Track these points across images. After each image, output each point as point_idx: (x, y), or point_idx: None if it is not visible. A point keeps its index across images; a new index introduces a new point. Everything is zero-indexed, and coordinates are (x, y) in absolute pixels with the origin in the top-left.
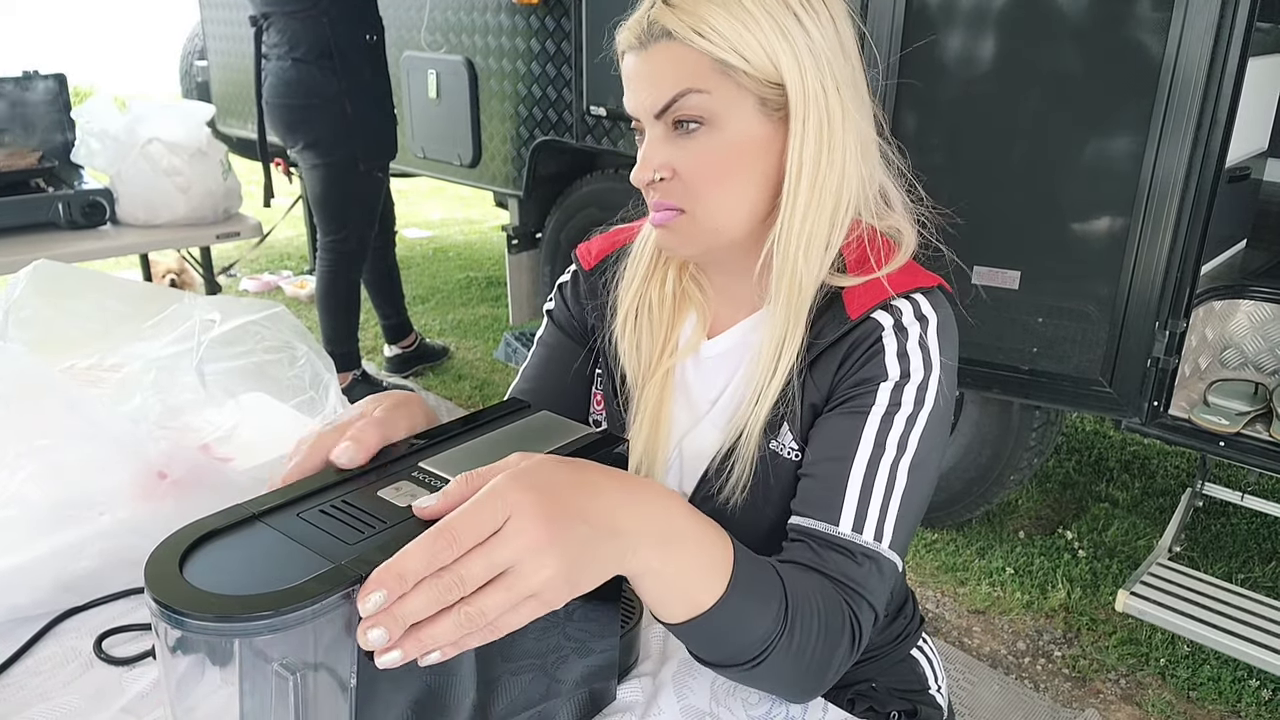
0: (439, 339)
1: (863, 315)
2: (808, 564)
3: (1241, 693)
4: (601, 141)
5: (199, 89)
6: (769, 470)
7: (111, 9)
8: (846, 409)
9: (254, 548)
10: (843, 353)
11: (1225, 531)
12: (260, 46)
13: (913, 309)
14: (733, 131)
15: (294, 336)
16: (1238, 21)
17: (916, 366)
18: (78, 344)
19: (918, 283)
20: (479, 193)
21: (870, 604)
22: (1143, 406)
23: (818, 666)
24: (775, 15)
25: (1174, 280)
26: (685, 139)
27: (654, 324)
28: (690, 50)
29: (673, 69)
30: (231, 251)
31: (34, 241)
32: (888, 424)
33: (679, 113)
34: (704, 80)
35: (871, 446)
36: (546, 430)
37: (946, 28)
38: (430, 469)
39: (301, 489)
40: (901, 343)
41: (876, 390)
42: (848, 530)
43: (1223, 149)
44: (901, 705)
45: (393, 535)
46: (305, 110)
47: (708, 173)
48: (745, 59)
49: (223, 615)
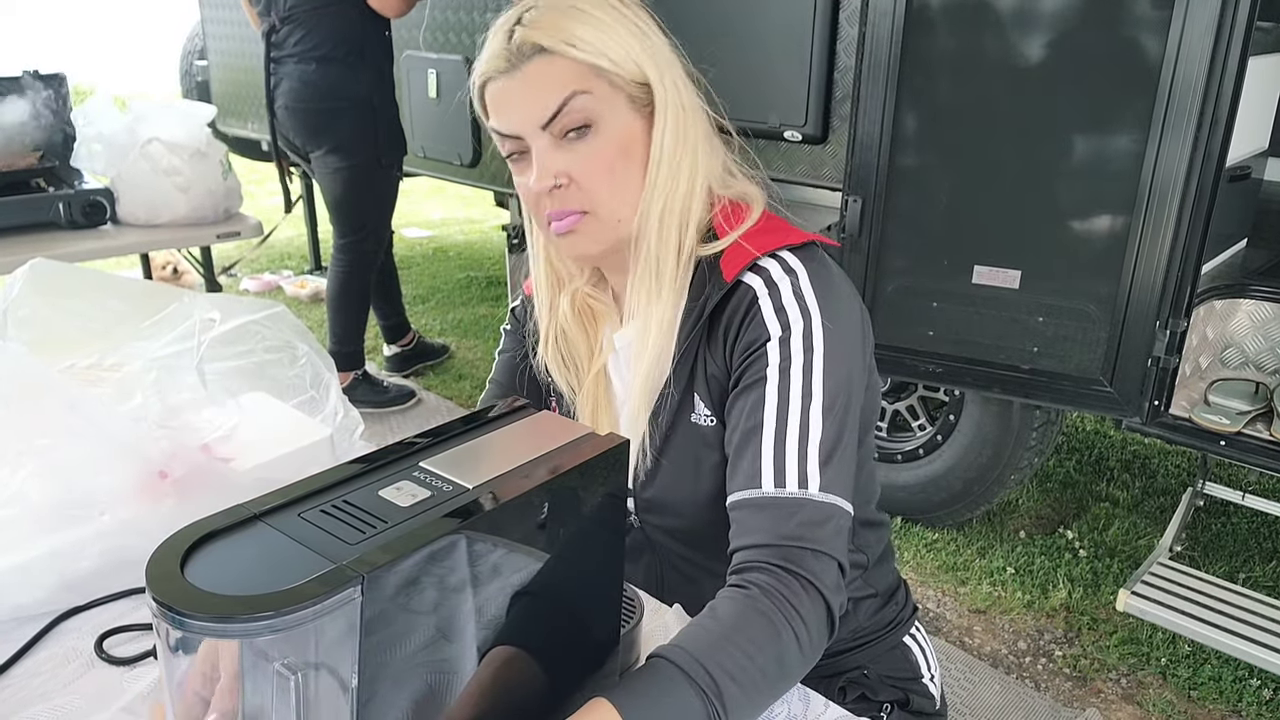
0: (439, 338)
1: (735, 279)
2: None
3: (1242, 692)
4: None
5: (199, 89)
6: (694, 443)
7: (111, 9)
8: (746, 381)
9: (255, 548)
10: (725, 319)
11: (1226, 531)
12: (270, 51)
13: (780, 265)
14: (613, 130)
15: (294, 336)
16: (1238, 21)
17: (795, 317)
18: (77, 343)
19: (786, 240)
20: (479, 192)
21: (816, 550)
22: (1143, 406)
23: (780, 665)
24: (624, 24)
25: (1174, 279)
26: (575, 144)
27: (572, 342)
28: (565, 60)
29: (552, 79)
30: (232, 251)
31: (34, 241)
32: (785, 379)
33: (567, 118)
34: (584, 83)
35: (776, 405)
36: (546, 430)
37: (946, 27)
38: (431, 469)
39: (302, 489)
40: (776, 299)
41: (765, 352)
42: (770, 488)
43: (1223, 148)
44: (893, 694)
45: (395, 535)
46: (332, 113)
47: (602, 171)
48: (614, 62)
49: (224, 615)
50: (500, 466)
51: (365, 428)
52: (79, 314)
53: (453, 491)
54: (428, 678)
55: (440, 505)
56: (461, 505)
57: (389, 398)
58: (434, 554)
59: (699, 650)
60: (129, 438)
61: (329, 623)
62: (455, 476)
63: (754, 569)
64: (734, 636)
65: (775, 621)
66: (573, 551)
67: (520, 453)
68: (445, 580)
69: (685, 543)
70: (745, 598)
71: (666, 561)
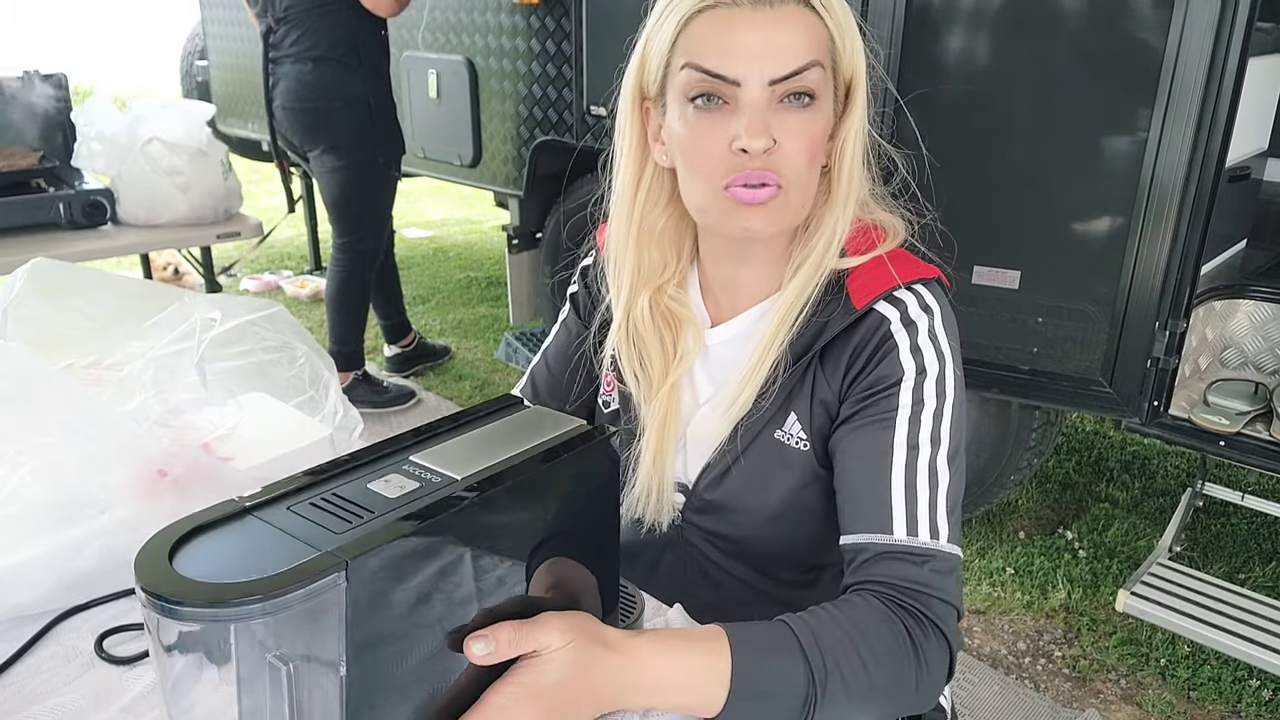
0: (439, 339)
1: (867, 307)
2: (867, 581)
3: (1242, 693)
4: (602, 141)
5: (199, 89)
6: (773, 458)
7: (112, 9)
8: (871, 418)
9: (244, 540)
10: (852, 348)
11: (1225, 531)
12: (268, 52)
13: (917, 301)
14: (824, 114)
15: (294, 336)
16: (1238, 21)
17: (931, 361)
18: (77, 342)
19: (919, 273)
20: (479, 192)
21: (943, 600)
22: (1143, 406)
23: (890, 689)
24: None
25: (1174, 280)
26: (794, 112)
27: (647, 345)
28: (819, 21)
29: (803, 35)
30: (232, 251)
31: (35, 241)
32: (916, 423)
33: (799, 83)
34: (824, 56)
35: (906, 449)
36: (537, 425)
37: (947, 27)
38: (420, 462)
39: (292, 484)
40: (912, 338)
41: (897, 391)
42: (904, 536)
43: (1223, 149)
44: None
45: (381, 524)
46: (328, 113)
47: (807, 149)
48: (846, 44)
49: (213, 601)
50: (489, 459)
51: (364, 428)
52: (80, 312)
53: (441, 482)
54: (420, 666)
55: (428, 495)
56: (449, 495)
57: (389, 398)
58: (421, 542)
59: (825, 636)
60: (128, 437)
61: (318, 608)
62: (444, 469)
63: (887, 599)
64: (861, 641)
65: (905, 647)
66: (564, 543)
67: (510, 446)
68: (435, 571)
69: (726, 551)
70: (886, 611)
71: (695, 563)
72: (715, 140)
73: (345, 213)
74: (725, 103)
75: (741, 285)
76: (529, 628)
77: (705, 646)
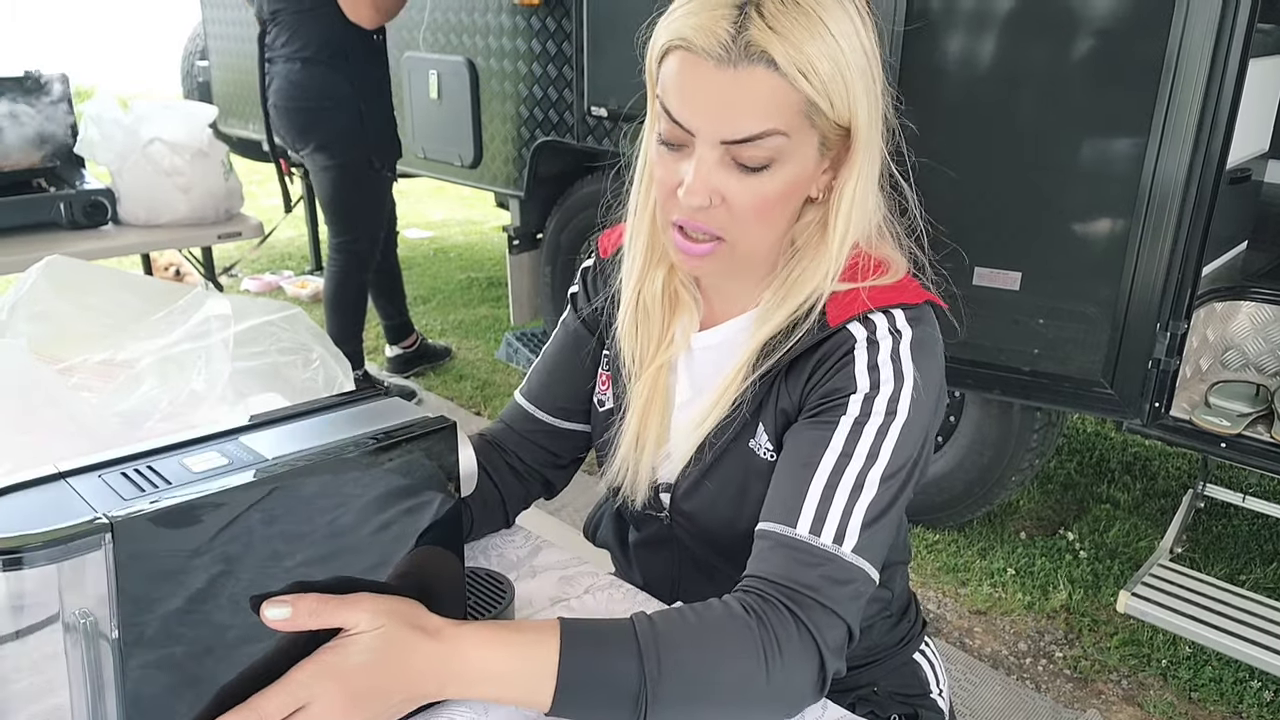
0: (440, 339)
1: (839, 325)
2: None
3: (1243, 694)
4: (602, 142)
5: (200, 89)
6: (744, 469)
7: (112, 9)
8: (815, 420)
9: (43, 503)
10: (814, 360)
11: (1227, 533)
12: (263, 50)
13: (888, 323)
14: (791, 170)
15: (310, 338)
16: (1238, 23)
17: (887, 378)
18: (91, 339)
19: (902, 299)
20: (480, 193)
21: (826, 606)
22: (1144, 408)
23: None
24: (858, 50)
25: (1175, 282)
26: (746, 174)
27: (649, 321)
28: (789, 88)
29: (764, 103)
30: (233, 252)
31: (36, 241)
32: (857, 433)
33: (753, 150)
34: (790, 122)
35: (838, 454)
36: (381, 415)
37: (947, 28)
38: (246, 442)
39: (121, 454)
40: (873, 356)
41: (846, 401)
42: (804, 532)
43: (1223, 150)
44: (902, 709)
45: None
46: (317, 113)
47: (758, 208)
48: (832, 104)
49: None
50: (313, 442)
51: None
52: (94, 309)
53: (249, 460)
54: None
55: (229, 472)
56: (247, 470)
57: None
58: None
59: (668, 635)
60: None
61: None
62: (261, 449)
63: (759, 596)
64: (707, 641)
65: (755, 649)
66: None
67: (343, 431)
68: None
69: (714, 548)
70: (740, 612)
71: (688, 558)
72: (669, 176)
73: (338, 213)
74: (683, 146)
75: (727, 293)
76: (336, 603)
77: (534, 639)
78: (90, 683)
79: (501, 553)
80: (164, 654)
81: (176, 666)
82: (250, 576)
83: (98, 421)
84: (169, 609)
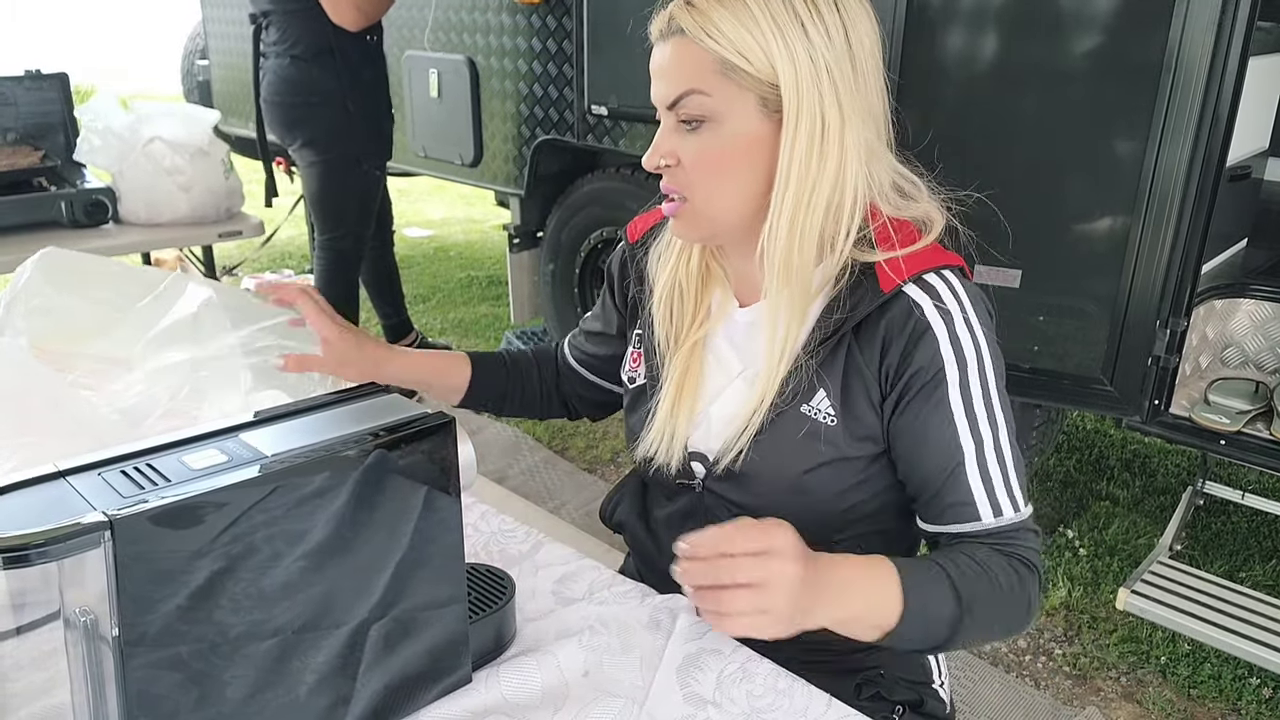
0: (440, 338)
1: (895, 289)
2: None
3: (1242, 691)
4: (603, 140)
5: (200, 88)
6: (798, 431)
7: (113, 9)
8: (920, 410)
9: (44, 501)
10: (883, 329)
11: (1226, 530)
12: (258, 45)
13: (945, 285)
14: (731, 128)
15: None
16: (1238, 21)
17: (969, 350)
18: (90, 332)
19: (945, 260)
20: (480, 192)
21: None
22: (1143, 405)
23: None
24: (779, 21)
25: (1175, 279)
26: (689, 133)
27: (684, 299)
28: (698, 49)
29: (682, 66)
30: (233, 251)
31: (37, 240)
32: (973, 414)
33: (683, 110)
34: (706, 81)
35: (972, 441)
36: (381, 412)
37: (947, 27)
38: (246, 439)
39: (120, 452)
40: (950, 328)
41: (945, 383)
42: (992, 520)
43: (1223, 148)
44: (907, 694)
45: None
46: (305, 108)
47: (707, 166)
48: (747, 60)
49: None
50: (313, 439)
51: None
52: (92, 301)
53: (249, 457)
54: (202, 629)
55: (229, 469)
56: (247, 467)
57: None
58: (198, 508)
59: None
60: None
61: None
62: (262, 445)
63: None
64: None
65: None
66: (391, 528)
67: (343, 428)
68: (228, 540)
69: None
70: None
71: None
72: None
73: (324, 209)
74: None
75: (745, 276)
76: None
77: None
78: (91, 680)
79: (503, 549)
80: (164, 651)
81: (177, 663)
82: (250, 574)
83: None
84: (169, 606)
